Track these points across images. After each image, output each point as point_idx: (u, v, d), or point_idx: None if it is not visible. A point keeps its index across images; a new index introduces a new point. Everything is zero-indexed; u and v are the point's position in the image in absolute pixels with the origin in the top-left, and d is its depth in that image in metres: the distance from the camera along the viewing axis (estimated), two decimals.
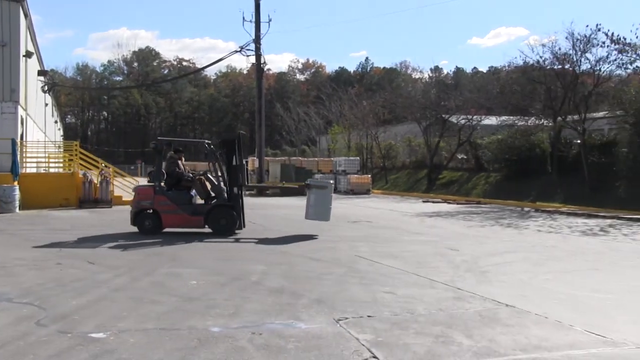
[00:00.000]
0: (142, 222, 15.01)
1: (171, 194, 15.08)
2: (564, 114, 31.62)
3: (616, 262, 11.68)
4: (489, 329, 6.58)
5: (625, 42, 28.22)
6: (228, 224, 15.11)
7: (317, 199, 15.84)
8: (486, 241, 14.77)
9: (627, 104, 28.37)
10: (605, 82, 31.44)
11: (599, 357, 5.71)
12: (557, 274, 10.18)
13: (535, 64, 32.76)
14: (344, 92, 63.86)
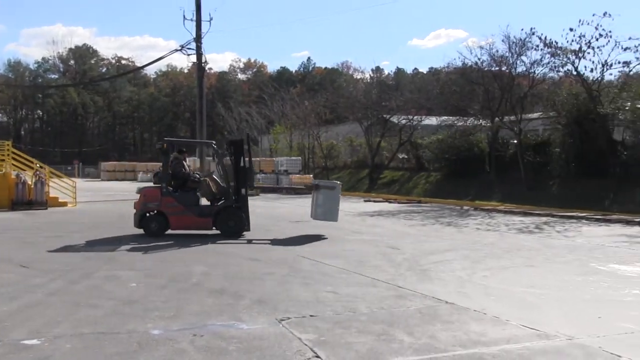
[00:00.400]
0: (148, 225, 14.75)
1: (178, 195, 14.90)
2: (501, 115, 32.41)
3: (550, 258, 12.03)
4: (429, 326, 6.68)
5: (557, 46, 29.15)
6: (237, 225, 14.99)
7: (326, 199, 15.96)
8: (427, 240, 14.99)
9: (559, 105, 29.33)
10: (540, 84, 32.39)
11: (533, 350, 5.87)
12: (495, 271, 10.42)
13: (473, 66, 33.48)
14: (286, 92, 63.84)
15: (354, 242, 14.33)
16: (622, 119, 27.46)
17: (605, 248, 13.67)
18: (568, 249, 13.40)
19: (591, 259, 11.95)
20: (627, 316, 7.25)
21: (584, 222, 19.75)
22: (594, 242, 14.79)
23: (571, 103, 28.46)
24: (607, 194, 23.99)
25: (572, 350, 5.87)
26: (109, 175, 70.66)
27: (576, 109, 27.97)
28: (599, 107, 27.05)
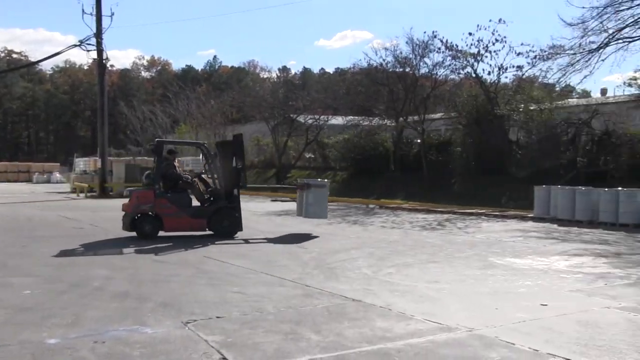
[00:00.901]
0: (141, 227, 14.49)
1: (171, 196, 14.74)
2: (406, 115, 33.24)
3: (451, 254, 12.45)
4: (336, 324, 6.76)
5: (457, 49, 30.26)
6: (231, 225, 15.03)
7: (316, 197, 16.42)
8: (333, 238, 15.16)
9: (460, 106, 30.45)
10: (442, 85, 33.45)
11: (436, 343, 6.06)
12: (399, 268, 10.67)
13: (378, 67, 34.17)
14: (192, 90, 62.83)
15: (260, 241, 14.31)
16: (517, 120, 28.87)
17: (503, 243, 14.29)
18: (468, 245, 13.91)
19: (489, 253, 12.46)
20: (521, 306, 7.62)
21: (483, 219, 20.56)
22: (492, 237, 15.43)
23: (471, 104, 29.60)
24: (503, 191, 25.05)
25: (472, 341, 6.10)
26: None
27: (475, 109, 29.11)
28: (496, 108, 28.28)
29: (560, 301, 7.99)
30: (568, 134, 26.88)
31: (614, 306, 7.69)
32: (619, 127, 25.55)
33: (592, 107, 27.48)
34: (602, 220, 18.35)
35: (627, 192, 18.15)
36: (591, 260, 11.57)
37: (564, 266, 10.92)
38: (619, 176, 22.79)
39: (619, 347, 5.95)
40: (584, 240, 14.82)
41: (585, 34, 22.53)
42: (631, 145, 24.21)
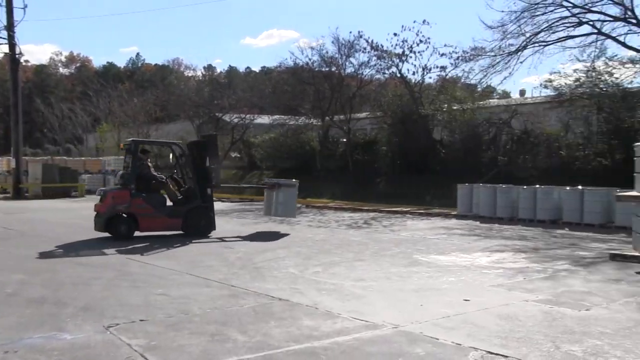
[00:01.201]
0: (117, 227, 14.42)
1: (147, 196, 14.78)
2: (332, 114, 33.50)
3: (377, 252, 12.62)
4: (263, 324, 6.74)
5: (382, 49, 30.73)
6: (205, 225, 15.32)
7: (286, 196, 16.84)
8: (260, 238, 15.12)
9: (385, 106, 30.94)
10: (367, 85, 33.90)
11: (362, 341, 6.13)
12: (326, 266, 10.74)
13: (304, 66, 34.29)
14: (113, 88, 61.25)
15: (185, 242, 14.11)
16: (440, 119, 29.59)
17: (427, 240, 14.59)
18: (394, 243, 14.13)
19: (414, 251, 12.70)
20: (445, 302, 7.80)
21: (408, 217, 20.94)
22: (417, 235, 15.73)
23: (396, 104, 30.13)
24: (428, 190, 25.58)
25: (398, 338, 6.20)
26: None
27: (400, 109, 29.65)
28: (420, 108, 28.90)
29: (482, 296, 8.22)
30: (489, 133, 27.73)
31: (531, 299, 7.98)
32: (537, 127, 26.55)
33: (512, 108, 28.44)
34: (522, 217, 19.01)
35: (544, 190, 18.87)
36: (511, 256, 11.97)
37: (485, 262, 11.24)
38: (537, 174, 23.66)
39: (535, 338, 6.17)
40: (505, 237, 15.31)
41: (505, 36, 23.33)
42: (548, 144, 25.22)
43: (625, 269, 10.34)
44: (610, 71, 24.01)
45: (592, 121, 24.72)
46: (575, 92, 24.81)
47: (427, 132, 29.13)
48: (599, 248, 13.05)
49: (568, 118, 25.46)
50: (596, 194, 17.50)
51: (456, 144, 27.92)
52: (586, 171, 22.44)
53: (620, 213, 15.95)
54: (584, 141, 24.49)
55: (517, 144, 26.60)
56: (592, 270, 10.35)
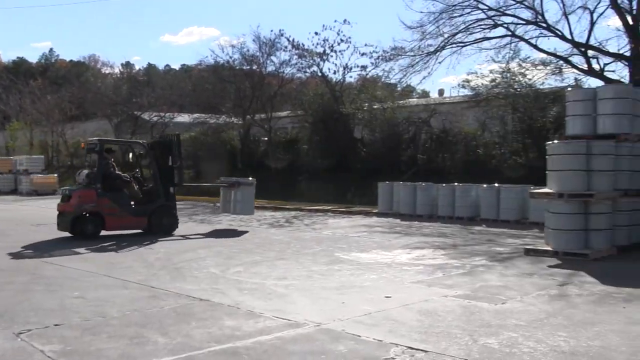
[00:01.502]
0: (83, 227, 14.56)
1: (112, 196, 14.98)
2: (253, 113, 33.37)
3: (299, 251, 12.67)
4: (184, 325, 6.65)
5: (304, 48, 30.88)
6: (170, 223, 15.69)
7: (244, 195, 17.65)
8: (180, 238, 14.94)
9: (306, 105, 31.07)
10: (288, 83, 33.96)
11: (285, 340, 6.14)
12: (247, 266, 10.70)
13: (225, 64, 34.04)
14: (25, 84, 58.87)
15: (101, 244, 13.77)
16: (361, 119, 29.94)
17: (349, 238, 14.75)
18: (316, 241, 14.22)
19: (336, 249, 12.81)
20: (366, 299, 7.92)
21: (330, 215, 21.10)
22: (339, 233, 15.88)
23: (317, 103, 30.30)
24: (349, 188, 25.85)
25: (320, 336, 6.25)
26: None
27: (322, 108, 29.82)
28: (341, 107, 29.17)
29: (403, 293, 8.38)
30: (409, 132, 28.26)
31: (451, 295, 8.19)
32: (455, 126, 27.25)
33: (431, 107, 29.10)
34: (441, 214, 19.46)
35: (462, 188, 19.38)
36: (431, 253, 12.25)
37: (406, 259, 11.47)
38: (455, 172, 24.31)
39: (454, 332, 6.35)
40: (424, 234, 15.66)
41: (424, 37, 23.74)
42: (466, 143, 25.93)
43: (538, 263, 10.77)
44: (523, 72, 24.91)
45: (508, 121, 25.58)
46: (491, 92, 25.62)
47: (348, 131, 29.43)
48: (514, 243, 13.52)
49: (485, 117, 26.25)
50: (511, 192, 18.11)
51: (377, 143, 28.32)
52: (502, 169, 23.19)
53: (534, 210, 16.53)
54: (500, 140, 25.31)
55: (436, 142, 27.24)
56: (507, 265, 10.72)
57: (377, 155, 27.30)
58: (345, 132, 28.89)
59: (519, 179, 20.20)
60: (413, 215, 19.89)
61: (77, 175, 15.85)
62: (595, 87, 14.42)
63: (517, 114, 24.99)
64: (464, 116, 28.27)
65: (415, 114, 28.85)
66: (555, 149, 12.14)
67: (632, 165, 12.42)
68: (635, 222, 12.40)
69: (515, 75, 25.06)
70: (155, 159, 15.77)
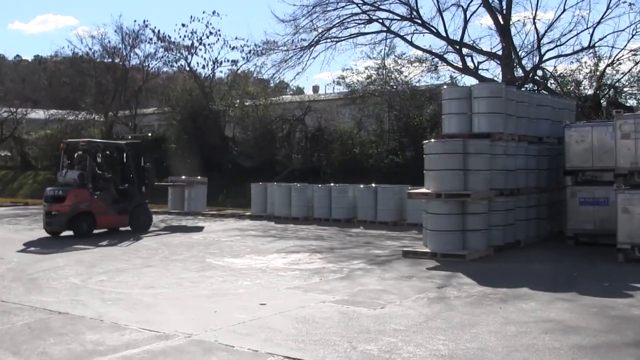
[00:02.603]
0: (79, 225, 15.86)
1: (100, 195, 16.35)
2: (116, 109, 32.38)
3: (168, 257, 12.43)
4: (40, 341, 6.34)
5: (170, 40, 30.35)
6: (146, 220, 17.47)
7: (197, 193, 20.59)
8: (37, 245, 14.36)
9: (174, 101, 30.47)
10: (154, 78, 33.26)
11: (153, 353, 6.00)
12: (112, 274, 10.36)
13: (85, 56, 32.81)
14: None
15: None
16: (232, 116, 29.79)
17: (220, 243, 14.65)
18: (185, 246, 14.00)
19: (207, 254, 12.68)
20: (240, 307, 7.89)
21: (201, 218, 20.85)
22: (210, 237, 15.74)
23: (185, 99, 29.80)
24: (221, 190, 25.64)
25: (191, 348, 6.15)
26: None
27: (190, 104, 29.37)
28: (211, 103, 28.87)
29: (279, 299, 8.42)
30: (283, 130, 28.45)
31: (328, 300, 8.32)
32: (331, 124, 27.70)
33: (306, 104, 29.38)
34: (317, 216, 19.66)
35: (338, 188, 19.69)
36: (307, 257, 12.38)
37: (281, 264, 11.53)
38: (331, 172, 24.71)
39: (332, 339, 6.45)
40: (300, 237, 15.82)
41: (297, 31, 23.94)
42: (342, 142, 26.41)
43: (417, 265, 11.16)
44: (399, 69, 25.75)
45: (384, 119, 26.32)
46: (367, 90, 26.27)
47: (219, 129, 29.17)
48: (392, 246, 13.92)
49: (361, 115, 26.86)
50: (389, 192, 18.58)
51: (249, 142, 28.26)
52: (379, 168, 23.80)
53: (412, 210, 17.01)
54: (377, 139, 25.97)
55: (312, 141, 27.58)
56: (386, 268, 11.03)
57: (250, 154, 27.26)
58: (216, 131, 28.61)
59: (396, 178, 20.78)
60: (288, 217, 20.00)
61: (60, 175, 16.61)
62: (470, 86, 15.15)
63: (393, 112, 25.76)
64: (340, 114, 28.81)
65: (290, 111, 29.05)
66: (432, 148, 12.63)
67: (506, 165, 13.14)
68: (510, 221, 13.09)
69: (392, 72, 25.84)
70: (132, 160, 17.31)
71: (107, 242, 14.92)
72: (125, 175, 17.49)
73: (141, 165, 17.64)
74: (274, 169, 26.07)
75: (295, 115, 28.40)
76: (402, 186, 18.24)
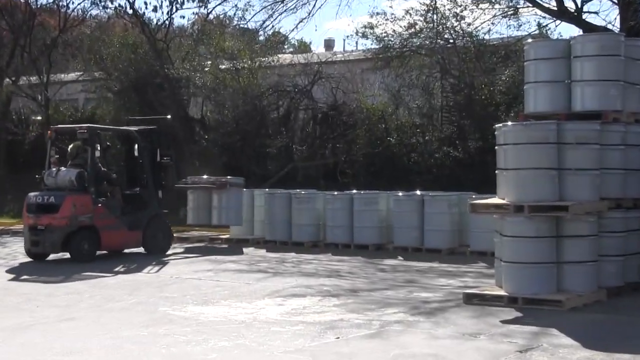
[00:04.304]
0: (78, 245, 16.71)
1: (106, 202, 17.40)
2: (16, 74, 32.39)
3: (100, 304, 12.40)
4: None
5: None
6: (165, 238, 18.59)
7: (232, 199, 20.96)
8: None
9: (109, 62, 30.35)
10: (77, 25, 33.07)
11: None
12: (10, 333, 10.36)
13: None
14: None
15: None
16: (201, 86, 29.58)
17: (183, 282, 14.66)
18: (128, 287, 13.98)
19: (162, 300, 12.66)
20: None
21: None
22: (166, 273, 15.84)
23: (127, 59, 29.74)
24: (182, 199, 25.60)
25: None
26: None
27: (135, 68, 29.31)
28: (167, 66, 28.70)
29: None
30: (279, 108, 28.38)
31: None
32: (352, 99, 27.58)
33: (314, 69, 29.16)
34: (332, 240, 19.61)
35: (364, 197, 19.59)
36: (316, 303, 12.32)
37: (276, 314, 11.49)
38: (352, 172, 24.64)
39: None
40: (306, 273, 15.77)
41: None
42: (369, 126, 26.24)
43: (486, 317, 11.10)
44: (459, 13, 25.50)
45: (435, 90, 26.17)
46: (409, 45, 26.12)
47: (180, 106, 29.10)
48: (447, 286, 13.90)
49: (399, 85, 26.70)
50: (442, 203, 18.44)
51: (227, 126, 28.23)
52: (427, 167, 23.67)
53: (477, 231, 16.98)
54: (424, 121, 25.84)
55: (322, 125, 27.50)
56: (438, 320, 10.98)
57: (227, 145, 27.21)
58: (175, 108, 28.58)
59: (452, 182, 20.67)
60: (287, 242, 19.96)
61: (48, 175, 17.37)
62: (570, 38, 15.03)
63: (449, 79, 25.66)
64: (367, 83, 28.72)
65: (289, 79, 28.95)
66: (510, 135, 12.48)
67: (627, 160, 12.85)
68: (632, 249, 12.79)
69: (447, 19, 25.68)
70: (146, 153, 18.33)
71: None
72: (135, 174, 18.71)
73: (157, 160, 18.78)
74: (265, 167, 26.04)
75: (298, 86, 28.32)
76: (462, 194, 18.21)
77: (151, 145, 18.65)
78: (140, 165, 18.42)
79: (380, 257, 17.99)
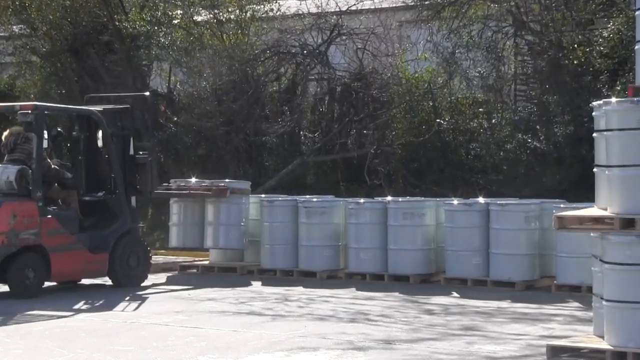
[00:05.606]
0: (20, 274, 16.69)
1: (58, 212, 17.41)
2: None
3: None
4: None
5: None
6: (140, 265, 18.82)
7: (233, 212, 21.06)
8: None
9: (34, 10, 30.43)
10: None
11: None
12: None
13: None
14: None
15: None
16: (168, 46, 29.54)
17: (144, 328, 14.70)
18: (65, 337, 13.98)
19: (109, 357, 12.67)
20: None
21: None
22: (121, 316, 15.81)
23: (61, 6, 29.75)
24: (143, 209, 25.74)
25: None
26: None
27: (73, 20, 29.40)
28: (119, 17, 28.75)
29: None
30: (280, 78, 28.42)
31: None
32: (385, 65, 27.54)
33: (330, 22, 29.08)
34: (356, 269, 19.73)
35: (403, 206, 19.62)
36: (336, 359, 12.33)
37: None
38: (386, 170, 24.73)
39: None
40: (319, 316, 15.80)
41: None
42: (409, 107, 26.22)
43: None
44: None
45: (506, 52, 26.15)
46: None
47: (137, 77, 29.16)
48: (524, 335, 13.90)
49: (453, 45, 26.70)
50: (515, 214, 18.30)
51: (204, 104, 28.16)
52: (495, 163, 23.62)
53: (566, 255, 16.96)
54: (490, 96, 25.81)
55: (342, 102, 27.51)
56: None
57: (205, 131, 27.28)
58: (130, 79, 28.67)
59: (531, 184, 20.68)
60: (292, 272, 20.04)
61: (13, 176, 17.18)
62: None
63: (526, 36, 25.66)
64: (407, 42, 28.76)
65: (295, 36, 28.93)
66: (614, 116, 12.39)
67: None
68: None
69: None
70: (114, 144, 18.40)
71: None
72: (99, 174, 18.81)
73: (130, 154, 18.77)
74: (261, 163, 26.15)
75: (308, 46, 28.29)
76: (544, 202, 18.19)
77: (122, 133, 18.66)
78: (106, 162, 18.45)
79: (426, 293, 18.00)
